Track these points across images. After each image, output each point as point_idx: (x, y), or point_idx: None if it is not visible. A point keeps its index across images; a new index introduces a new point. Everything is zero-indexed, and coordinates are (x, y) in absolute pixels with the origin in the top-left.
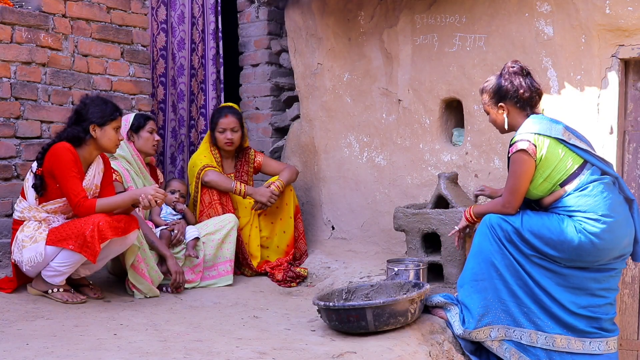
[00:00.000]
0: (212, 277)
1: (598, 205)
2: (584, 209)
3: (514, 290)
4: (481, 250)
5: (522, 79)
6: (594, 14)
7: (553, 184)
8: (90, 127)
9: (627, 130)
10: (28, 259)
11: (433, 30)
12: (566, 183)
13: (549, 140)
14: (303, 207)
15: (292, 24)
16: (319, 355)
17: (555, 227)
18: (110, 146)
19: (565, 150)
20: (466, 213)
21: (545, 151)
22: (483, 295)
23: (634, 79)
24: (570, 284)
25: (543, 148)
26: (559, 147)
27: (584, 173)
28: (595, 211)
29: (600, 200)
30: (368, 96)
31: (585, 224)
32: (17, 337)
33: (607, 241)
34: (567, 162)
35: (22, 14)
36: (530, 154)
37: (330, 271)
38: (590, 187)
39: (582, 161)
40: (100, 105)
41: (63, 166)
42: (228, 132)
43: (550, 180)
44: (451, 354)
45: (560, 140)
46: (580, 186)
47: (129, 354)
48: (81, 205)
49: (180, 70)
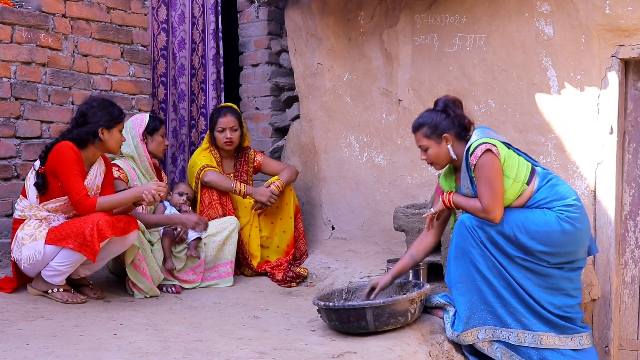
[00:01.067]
0: (213, 278)
1: (569, 191)
2: (559, 196)
3: (499, 291)
4: (463, 253)
5: (458, 110)
6: (594, 14)
7: (521, 183)
8: (99, 130)
9: (627, 130)
10: (27, 257)
11: (433, 30)
12: (530, 181)
13: (502, 144)
14: (303, 207)
15: (292, 24)
16: (319, 355)
17: (539, 219)
18: (115, 148)
19: (515, 153)
20: (444, 197)
21: (505, 152)
22: (468, 297)
23: (634, 79)
24: (549, 285)
25: (502, 149)
26: (510, 150)
27: (537, 169)
28: (569, 197)
29: (568, 187)
30: (368, 96)
31: (566, 212)
32: (17, 337)
33: (586, 225)
34: (522, 161)
35: (22, 14)
36: (495, 154)
37: (330, 271)
38: (554, 178)
39: (529, 163)
40: (107, 108)
41: (65, 164)
42: (227, 132)
43: (518, 180)
44: (451, 354)
45: (507, 144)
46: (543, 179)
47: (129, 354)
48: (82, 203)
49: (181, 70)
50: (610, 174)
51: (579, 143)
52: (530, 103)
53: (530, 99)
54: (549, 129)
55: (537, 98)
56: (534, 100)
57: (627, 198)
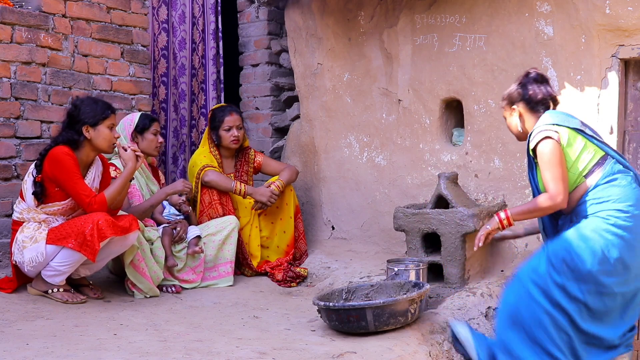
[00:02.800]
0: (213, 278)
1: (628, 196)
2: (614, 198)
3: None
4: (524, 317)
5: (537, 86)
6: (594, 14)
7: (577, 175)
8: (83, 128)
9: (627, 130)
10: (29, 259)
11: (433, 30)
12: (590, 174)
13: (568, 130)
14: (303, 207)
15: (292, 24)
16: (319, 355)
17: (584, 237)
18: (105, 146)
19: (585, 140)
20: (500, 216)
21: (566, 140)
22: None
23: (634, 79)
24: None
25: (564, 137)
26: (578, 137)
27: (607, 164)
28: (625, 201)
29: (630, 191)
30: (368, 96)
31: (615, 218)
32: (17, 337)
33: (636, 235)
34: (589, 151)
35: (22, 14)
36: (555, 139)
37: (330, 271)
38: (618, 179)
39: (603, 153)
40: (90, 105)
41: (66, 171)
42: (234, 130)
43: (574, 171)
44: (451, 354)
45: (578, 130)
46: (606, 177)
47: (129, 354)
48: (94, 203)
49: (182, 70)
50: None
51: None
52: None
53: None
54: None
55: None
56: None
57: None
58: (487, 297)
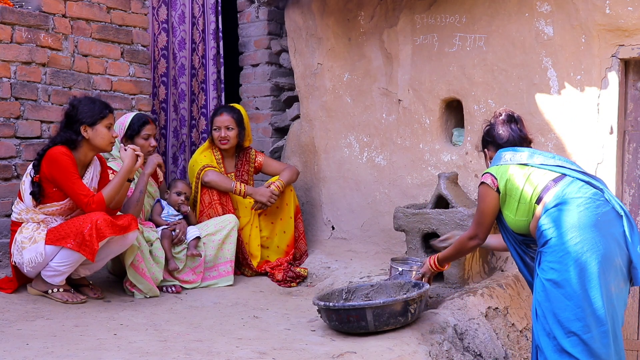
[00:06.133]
0: (213, 278)
1: (569, 226)
2: (545, 235)
3: None
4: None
5: (505, 127)
6: (594, 14)
7: (528, 204)
8: (81, 128)
9: (627, 130)
10: (29, 260)
11: (433, 30)
12: (539, 200)
13: (510, 167)
14: (303, 207)
15: (292, 24)
16: (319, 355)
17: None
18: (104, 145)
19: (533, 169)
20: (430, 261)
21: (508, 176)
22: None
23: (634, 79)
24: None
25: (505, 174)
26: (523, 170)
27: (559, 185)
28: (550, 236)
29: (575, 217)
30: (368, 96)
31: (547, 263)
32: (17, 337)
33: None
34: (538, 177)
35: (22, 14)
36: (490, 185)
37: (330, 271)
38: (567, 203)
39: (554, 176)
40: (88, 104)
41: (64, 171)
42: (222, 130)
43: (523, 201)
44: (451, 354)
45: (522, 164)
46: (553, 201)
47: (129, 354)
48: (92, 202)
49: (182, 70)
50: (610, 174)
51: (579, 143)
52: (530, 103)
53: (530, 99)
54: (549, 129)
55: (537, 98)
56: (534, 100)
57: (627, 198)
58: (487, 297)
